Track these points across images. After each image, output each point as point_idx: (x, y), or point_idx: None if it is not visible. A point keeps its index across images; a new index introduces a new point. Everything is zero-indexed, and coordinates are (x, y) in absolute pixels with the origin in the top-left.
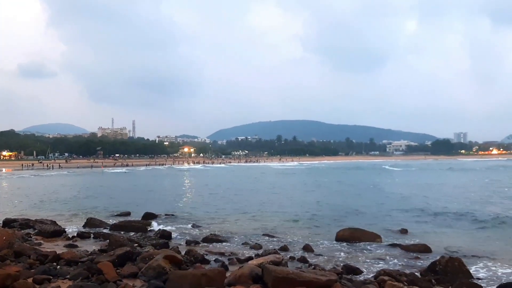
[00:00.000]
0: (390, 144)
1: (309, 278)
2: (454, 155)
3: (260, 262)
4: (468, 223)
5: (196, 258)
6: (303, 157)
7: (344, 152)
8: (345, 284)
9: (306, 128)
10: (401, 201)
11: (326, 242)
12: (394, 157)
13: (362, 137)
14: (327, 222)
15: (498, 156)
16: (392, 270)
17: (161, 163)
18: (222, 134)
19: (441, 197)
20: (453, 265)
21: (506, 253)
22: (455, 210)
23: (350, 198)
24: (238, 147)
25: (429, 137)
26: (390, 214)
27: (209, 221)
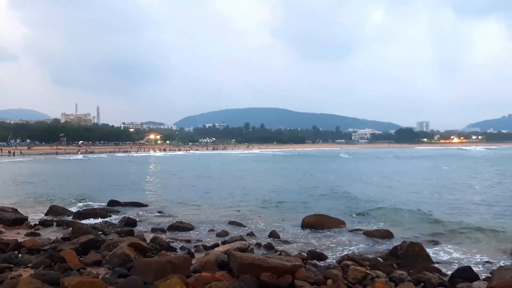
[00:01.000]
0: (355, 133)
1: (275, 263)
2: (416, 143)
3: (226, 249)
4: (424, 209)
5: (162, 245)
6: (271, 145)
7: (311, 140)
8: (310, 269)
9: (274, 116)
10: (363, 188)
11: (292, 229)
12: (359, 145)
13: (329, 125)
14: (294, 209)
15: (459, 145)
16: (355, 255)
17: (127, 150)
18: (189, 121)
19: (396, 185)
20: (413, 249)
21: (461, 238)
22: (412, 196)
23: (316, 184)
24: (205, 134)
25: (393, 126)
26: (353, 200)
27: (175, 209)
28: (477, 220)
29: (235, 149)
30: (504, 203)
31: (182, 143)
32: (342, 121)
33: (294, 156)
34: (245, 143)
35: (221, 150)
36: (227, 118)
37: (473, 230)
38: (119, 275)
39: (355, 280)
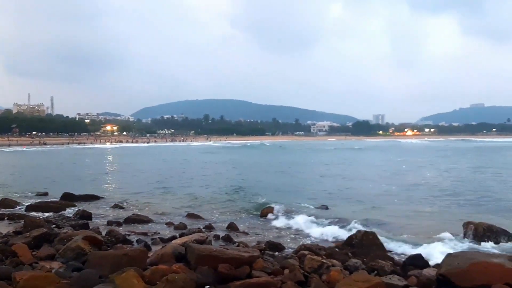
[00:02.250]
0: (314, 125)
1: (232, 255)
2: (372, 136)
3: (184, 241)
4: (382, 198)
5: (118, 238)
6: (231, 137)
7: (271, 132)
8: (268, 260)
9: (234, 107)
10: (321, 179)
11: (251, 220)
12: (318, 137)
13: (288, 117)
14: (252, 201)
15: (412, 137)
16: (311, 244)
17: (82, 141)
18: (147, 112)
19: (351, 177)
20: (368, 238)
21: (412, 226)
22: (368, 186)
23: (274, 176)
24: (164, 125)
25: (351, 119)
26: (311, 191)
27: (132, 202)
28: (426, 208)
29: (194, 141)
30: (449, 192)
31: (140, 134)
32: (302, 114)
33: (256, 148)
34: (205, 135)
35: (180, 142)
36: (186, 110)
37: (423, 218)
38: (73, 269)
39: (312, 269)
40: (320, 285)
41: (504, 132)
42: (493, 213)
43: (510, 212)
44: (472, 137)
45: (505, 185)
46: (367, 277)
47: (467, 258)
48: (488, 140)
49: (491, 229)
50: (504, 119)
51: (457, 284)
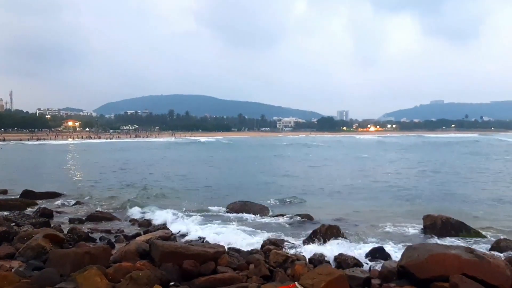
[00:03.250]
0: (280, 121)
1: (197, 251)
2: (337, 132)
3: (148, 238)
4: (343, 193)
5: (80, 236)
6: (196, 133)
7: (236, 128)
8: (233, 255)
9: (199, 103)
10: (284, 174)
11: (217, 215)
12: (283, 133)
13: (254, 113)
14: (218, 196)
15: (375, 133)
16: (277, 239)
17: (42, 137)
18: (110, 107)
19: (314, 171)
20: (331, 232)
21: (375, 219)
22: (328, 181)
23: (239, 172)
24: (127, 121)
25: (315, 115)
26: (277, 187)
27: (95, 199)
28: (387, 202)
29: (159, 137)
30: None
31: (103, 130)
32: (267, 110)
33: (223, 144)
34: (170, 130)
35: (144, 138)
36: (151, 105)
37: (383, 212)
38: (34, 268)
39: (277, 264)
40: (285, 279)
41: (462, 128)
42: (450, 206)
43: (465, 204)
44: (431, 133)
45: (459, 179)
46: (330, 270)
47: (426, 250)
48: (441, 136)
49: (449, 222)
50: (462, 115)
51: (416, 275)
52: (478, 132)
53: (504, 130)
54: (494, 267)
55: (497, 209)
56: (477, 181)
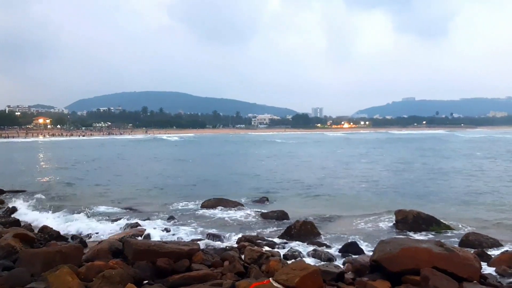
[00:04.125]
0: (255, 118)
1: (171, 248)
2: (311, 129)
3: (121, 236)
4: (316, 189)
5: (51, 235)
6: (170, 130)
7: (211, 125)
8: (208, 252)
9: (173, 100)
10: (263, 171)
11: (191, 212)
12: (258, 130)
13: (229, 110)
14: (193, 193)
15: (348, 130)
16: (252, 236)
17: (12, 135)
18: (82, 104)
19: (290, 169)
20: (306, 228)
21: (349, 215)
22: (302, 179)
23: (216, 169)
24: (100, 118)
25: (290, 112)
26: (252, 184)
27: (66, 196)
28: (359, 197)
29: (132, 134)
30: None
31: (75, 127)
32: (242, 106)
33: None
34: (143, 127)
35: (117, 135)
36: (124, 102)
37: (356, 207)
38: (4, 268)
39: (251, 260)
40: (259, 275)
41: (433, 125)
42: (421, 201)
43: (436, 199)
44: (402, 130)
45: (428, 175)
46: (304, 265)
47: (398, 244)
48: (406, 132)
49: (420, 216)
50: (433, 112)
51: (388, 269)
52: (448, 129)
53: (473, 127)
54: (463, 259)
55: (465, 204)
56: (447, 177)
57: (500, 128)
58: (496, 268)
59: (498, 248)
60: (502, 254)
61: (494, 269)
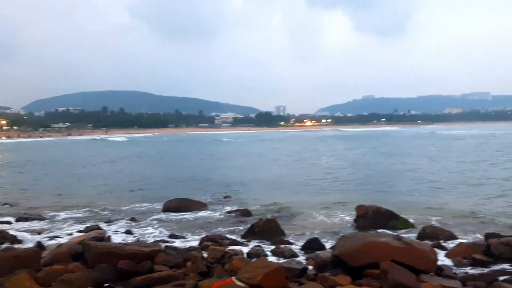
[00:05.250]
0: (218, 117)
1: (133, 250)
2: (275, 127)
3: (81, 239)
4: (279, 186)
5: (7, 239)
6: (132, 129)
7: (174, 124)
8: (170, 253)
9: (135, 99)
10: (225, 171)
11: (154, 214)
12: (221, 129)
13: (192, 109)
14: (154, 194)
15: (311, 127)
16: (215, 235)
17: None
18: (40, 104)
19: (251, 167)
20: (269, 226)
21: (310, 212)
22: (264, 177)
23: (178, 169)
24: (59, 119)
25: (254, 110)
26: (217, 183)
27: (24, 199)
28: (321, 193)
29: (92, 135)
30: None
31: (32, 129)
32: (205, 105)
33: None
34: (103, 128)
35: (76, 136)
36: (83, 102)
37: (318, 203)
38: None
39: (214, 260)
40: (223, 274)
41: (392, 122)
42: (381, 196)
43: (395, 194)
44: (362, 127)
45: (386, 170)
46: (267, 262)
47: (358, 239)
48: (358, 129)
49: (379, 211)
50: (392, 109)
51: (349, 263)
52: (407, 125)
53: (429, 123)
54: (420, 252)
55: (423, 198)
56: (404, 173)
57: (455, 124)
58: (452, 260)
59: (454, 240)
60: (457, 246)
61: (450, 260)
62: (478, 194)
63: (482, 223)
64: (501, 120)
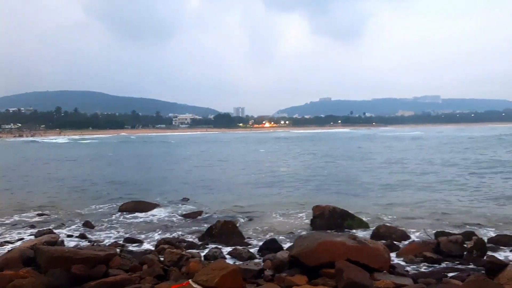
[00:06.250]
0: (176, 118)
1: (87, 254)
2: (234, 128)
3: (33, 244)
4: (236, 188)
5: None
6: (86, 131)
7: (130, 125)
8: (125, 257)
9: (89, 99)
10: (182, 173)
11: (108, 217)
12: (179, 130)
13: (149, 110)
14: (110, 197)
15: (270, 129)
16: (171, 238)
17: None
18: None
19: (210, 169)
20: (227, 227)
21: (270, 213)
22: (221, 179)
23: (135, 171)
24: (9, 120)
25: (212, 111)
26: (172, 185)
27: None
28: (279, 193)
29: (45, 136)
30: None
31: None
32: (163, 106)
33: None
34: (57, 128)
35: (28, 137)
36: (36, 102)
37: (276, 204)
38: None
39: (171, 263)
40: (179, 277)
41: (348, 123)
42: (337, 196)
43: (351, 194)
44: (319, 129)
45: (343, 170)
46: (224, 264)
47: (315, 239)
48: (309, 131)
49: (335, 211)
50: (348, 111)
51: (306, 263)
52: (362, 127)
53: (383, 125)
54: (374, 251)
55: (378, 198)
56: (360, 172)
57: (408, 126)
58: (404, 258)
59: (406, 239)
60: (409, 244)
61: (402, 258)
62: (428, 194)
63: (433, 222)
64: (451, 122)
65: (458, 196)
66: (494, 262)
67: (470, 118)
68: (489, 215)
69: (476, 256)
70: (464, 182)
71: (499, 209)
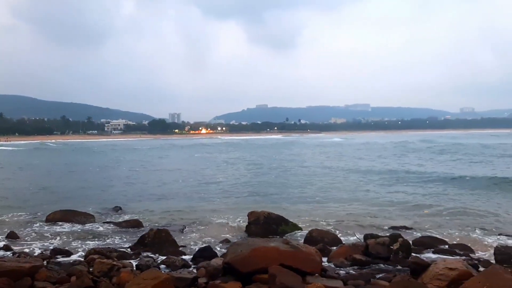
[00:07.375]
0: (108, 123)
1: (11, 267)
2: (169, 134)
3: None
4: (169, 195)
5: None
6: (12, 137)
7: (60, 131)
8: (52, 269)
9: (15, 104)
10: (114, 181)
11: (35, 227)
12: (112, 136)
13: (80, 115)
14: (37, 206)
15: (206, 135)
16: (102, 248)
17: None
18: None
19: (143, 177)
20: (160, 236)
21: (205, 220)
22: (155, 187)
23: (65, 179)
24: None
25: (147, 117)
26: (104, 193)
27: None
28: (215, 200)
29: None
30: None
31: None
32: (94, 111)
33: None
34: None
35: None
36: None
37: (212, 211)
38: None
39: (101, 273)
40: None
41: (284, 130)
42: (272, 201)
43: (284, 199)
44: (256, 135)
45: (278, 175)
46: (156, 274)
47: (248, 245)
48: (240, 137)
49: (270, 217)
50: (284, 118)
51: (240, 269)
52: (297, 134)
53: (317, 132)
54: (306, 255)
55: (312, 203)
56: (295, 178)
57: (339, 133)
58: (335, 261)
59: (338, 242)
60: (340, 248)
61: (333, 261)
62: (358, 198)
63: (363, 225)
64: (380, 129)
65: (385, 201)
66: (418, 263)
67: (398, 126)
68: (416, 218)
69: (402, 257)
70: (388, 190)
71: (413, 212)
